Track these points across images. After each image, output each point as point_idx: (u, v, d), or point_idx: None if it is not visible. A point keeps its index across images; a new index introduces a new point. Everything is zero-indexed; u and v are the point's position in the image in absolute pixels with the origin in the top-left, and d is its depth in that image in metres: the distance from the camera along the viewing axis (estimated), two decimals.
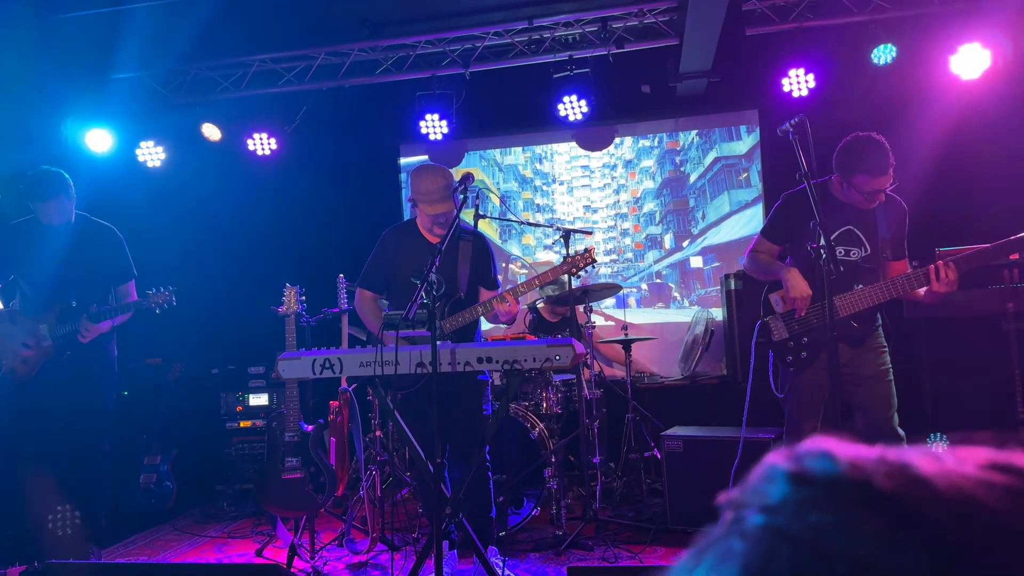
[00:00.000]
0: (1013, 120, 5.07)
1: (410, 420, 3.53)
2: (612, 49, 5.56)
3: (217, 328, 6.35)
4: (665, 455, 4.40)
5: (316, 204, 6.50)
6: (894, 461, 0.44)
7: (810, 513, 0.43)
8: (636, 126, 6.61)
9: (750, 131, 6.37)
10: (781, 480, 0.45)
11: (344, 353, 3.28)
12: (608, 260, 6.64)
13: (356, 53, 5.85)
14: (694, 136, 6.54)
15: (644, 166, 6.65)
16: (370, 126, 6.53)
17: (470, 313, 3.67)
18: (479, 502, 3.74)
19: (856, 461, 0.44)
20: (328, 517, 4.78)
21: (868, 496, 0.42)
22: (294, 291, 4.13)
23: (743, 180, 6.41)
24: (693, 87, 5.83)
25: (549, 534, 4.41)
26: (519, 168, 6.82)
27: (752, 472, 0.49)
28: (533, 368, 3.39)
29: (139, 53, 5.58)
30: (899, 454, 0.45)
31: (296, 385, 4.12)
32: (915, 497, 0.41)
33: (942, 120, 5.11)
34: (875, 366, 3.51)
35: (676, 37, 5.40)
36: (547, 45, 5.70)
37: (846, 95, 5.45)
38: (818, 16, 5.33)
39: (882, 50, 5.22)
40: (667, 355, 6.29)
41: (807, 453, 0.46)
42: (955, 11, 5.08)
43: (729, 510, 0.48)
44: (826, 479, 0.44)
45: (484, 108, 6.27)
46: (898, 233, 3.53)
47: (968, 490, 0.41)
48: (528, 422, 4.59)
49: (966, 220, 4.91)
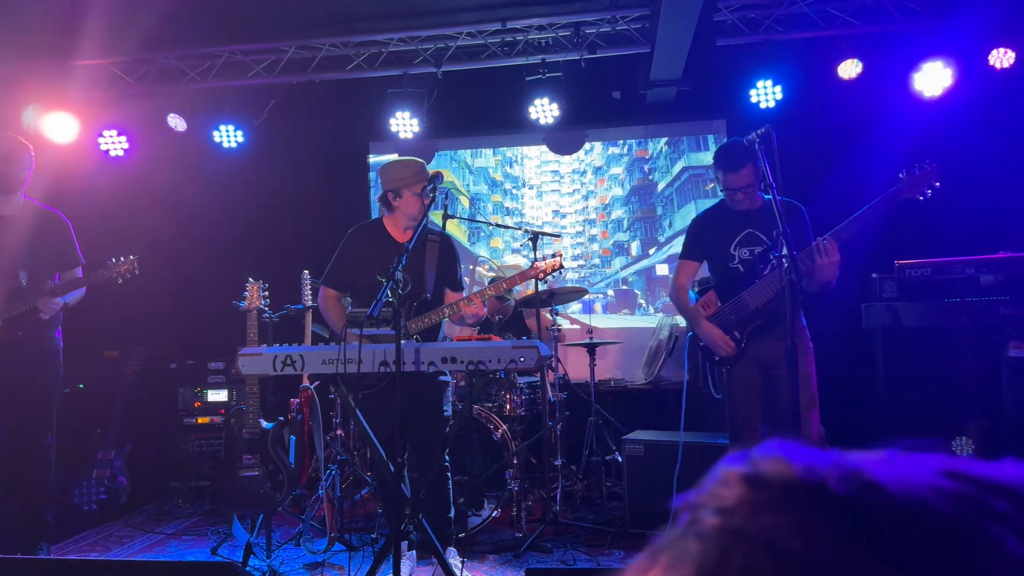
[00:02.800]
0: (973, 138, 5.19)
1: (371, 419, 3.49)
2: (584, 54, 5.58)
3: (177, 322, 6.25)
4: (626, 459, 4.42)
5: (282, 199, 6.43)
6: (848, 466, 0.44)
7: (765, 515, 0.43)
8: (606, 131, 6.65)
9: (718, 141, 6.45)
10: (736, 482, 0.46)
11: (306, 350, 3.24)
12: (575, 265, 6.67)
13: (327, 48, 5.80)
14: (663, 145, 6.59)
15: (613, 173, 6.69)
16: (340, 122, 6.48)
17: (437, 314, 3.66)
18: (439, 503, 3.72)
19: (811, 465, 0.45)
20: (286, 516, 4.73)
21: (823, 499, 0.42)
22: (257, 286, 4.08)
23: (710, 190, 6.48)
24: (663, 95, 5.89)
25: (509, 536, 4.40)
26: (489, 171, 6.82)
27: (707, 475, 0.49)
28: (497, 369, 3.39)
29: (104, 40, 5.47)
30: (853, 459, 0.45)
31: (256, 382, 4.07)
32: (869, 501, 0.42)
33: (905, 135, 5.22)
34: (804, 366, 3.59)
35: (648, 45, 5.44)
36: (520, 48, 5.71)
37: (813, 108, 5.54)
38: (787, 29, 5.42)
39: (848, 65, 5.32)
40: (631, 360, 6.34)
41: (762, 456, 0.47)
42: (918, 28, 5.20)
43: (685, 512, 0.48)
44: (781, 482, 0.44)
45: (456, 108, 6.26)
46: (796, 229, 3.62)
47: (921, 495, 0.42)
48: (491, 424, 4.59)
49: (926, 234, 5.01)
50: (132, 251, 4.15)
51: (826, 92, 5.45)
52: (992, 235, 4.06)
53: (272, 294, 4.23)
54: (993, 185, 4.78)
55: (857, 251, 3.76)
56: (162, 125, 6.02)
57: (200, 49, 5.87)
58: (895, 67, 5.32)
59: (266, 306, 4.18)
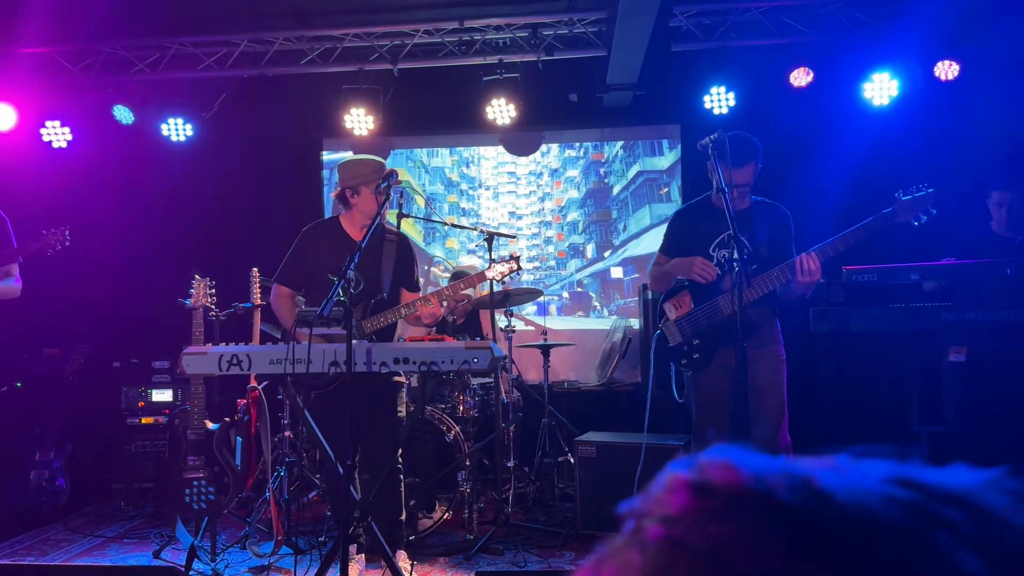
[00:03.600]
0: (919, 147, 5.32)
1: (322, 421, 3.44)
2: (542, 56, 5.59)
3: (121, 319, 6.08)
4: (578, 460, 4.43)
5: (232, 194, 6.29)
6: (797, 474, 0.43)
7: (711, 524, 0.42)
8: (562, 133, 6.67)
9: (672, 146, 6.51)
10: (682, 490, 0.44)
11: (253, 350, 3.18)
12: (531, 267, 6.67)
13: (281, 42, 5.70)
14: (618, 149, 6.63)
15: (569, 175, 6.71)
16: (293, 117, 6.37)
17: (393, 314, 3.62)
18: (389, 505, 3.68)
19: (759, 473, 0.43)
20: (232, 519, 4.63)
21: (771, 509, 0.41)
22: (204, 283, 3.99)
23: (664, 195, 6.54)
24: (619, 99, 5.92)
25: (460, 538, 4.38)
26: (446, 171, 6.79)
27: (654, 481, 0.48)
28: (451, 370, 3.37)
29: (48, 28, 5.29)
30: (802, 467, 0.44)
31: (202, 381, 3.98)
32: (818, 511, 0.41)
33: (854, 144, 5.33)
34: (771, 376, 3.60)
35: (604, 48, 5.47)
36: (477, 47, 5.69)
37: (765, 115, 5.62)
38: (740, 36, 5.49)
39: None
40: (585, 362, 6.36)
41: (709, 463, 0.45)
42: (867, 39, 5.31)
43: (630, 519, 0.46)
44: (728, 490, 0.43)
45: (412, 106, 6.21)
46: (780, 236, 3.65)
47: (870, 505, 0.41)
48: (444, 425, 4.55)
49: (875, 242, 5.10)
50: (76, 246, 4.03)
51: (778, 99, 5.53)
52: (937, 242, 4.16)
53: (220, 292, 4.14)
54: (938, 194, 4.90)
55: None
56: (108, 117, 5.85)
57: (149, 39, 5.72)
58: (845, 76, 5.43)
59: (213, 304, 4.08)
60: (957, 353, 4.13)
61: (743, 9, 5.37)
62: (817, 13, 5.35)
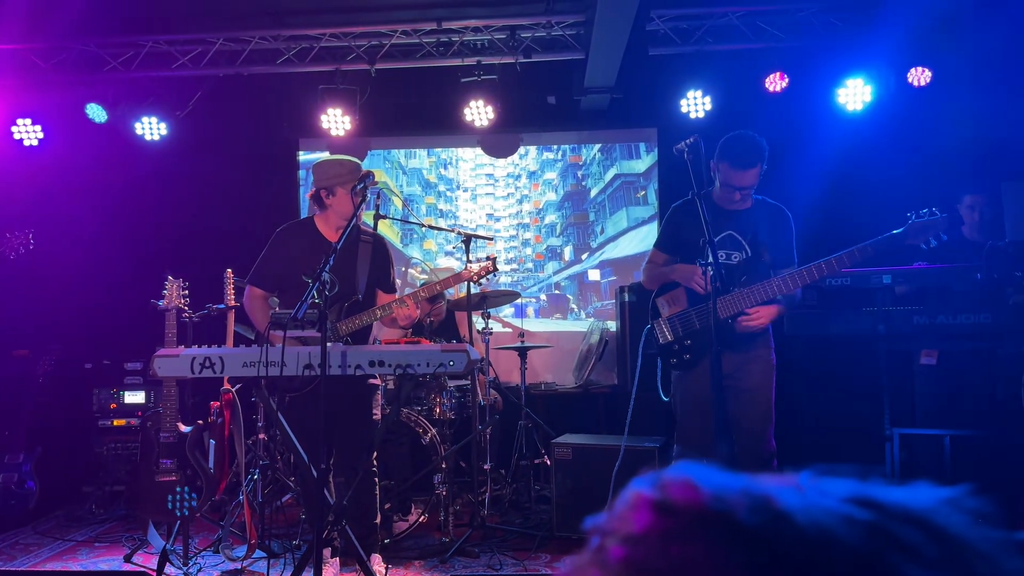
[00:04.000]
0: (892, 152, 5.38)
1: (296, 424, 3.41)
2: (520, 58, 5.59)
3: (93, 320, 5.99)
4: (554, 462, 4.43)
5: (207, 194, 6.23)
6: (758, 493, 0.43)
7: (673, 546, 0.41)
8: (541, 135, 6.68)
9: (649, 150, 6.54)
10: (645, 508, 0.44)
11: (226, 352, 3.14)
12: (508, 269, 6.67)
13: (257, 41, 5.65)
14: (596, 152, 6.65)
15: (547, 178, 6.72)
16: (269, 117, 6.32)
17: (368, 316, 3.60)
18: (364, 509, 3.66)
19: (719, 492, 0.44)
20: (204, 522, 4.58)
21: (731, 530, 0.41)
22: (177, 284, 3.94)
23: (641, 198, 6.57)
24: (597, 102, 5.94)
25: (435, 541, 4.36)
26: (423, 172, 6.77)
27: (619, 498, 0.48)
28: (426, 373, 3.35)
29: (20, 25, 5.21)
30: (763, 486, 0.44)
31: (174, 383, 3.93)
32: (777, 533, 0.41)
33: (829, 149, 5.38)
34: (758, 379, 3.56)
35: (582, 51, 5.48)
36: (455, 49, 5.68)
37: (741, 119, 5.64)
38: (717, 41, 5.52)
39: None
40: (562, 364, 6.37)
41: (671, 481, 0.46)
42: (842, 45, 5.37)
43: (594, 536, 0.46)
44: (689, 510, 0.43)
45: (389, 107, 6.18)
46: (781, 239, 3.61)
47: (829, 526, 0.41)
48: (420, 427, 4.54)
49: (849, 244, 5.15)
50: (47, 245, 3.96)
51: (754, 104, 5.57)
52: (910, 246, 4.21)
53: (193, 293, 4.09)
54: (911, 199, 4.96)
55: None
56: (80, 115, 5.77)
57: (123, 37, 5.65)
58: (820, 82, 5.48)
59: (186, 305, 4.04)
60: (928, 356, 4.19)
61: (720, 14, 5.41)
62: (793, 18, 5.40)
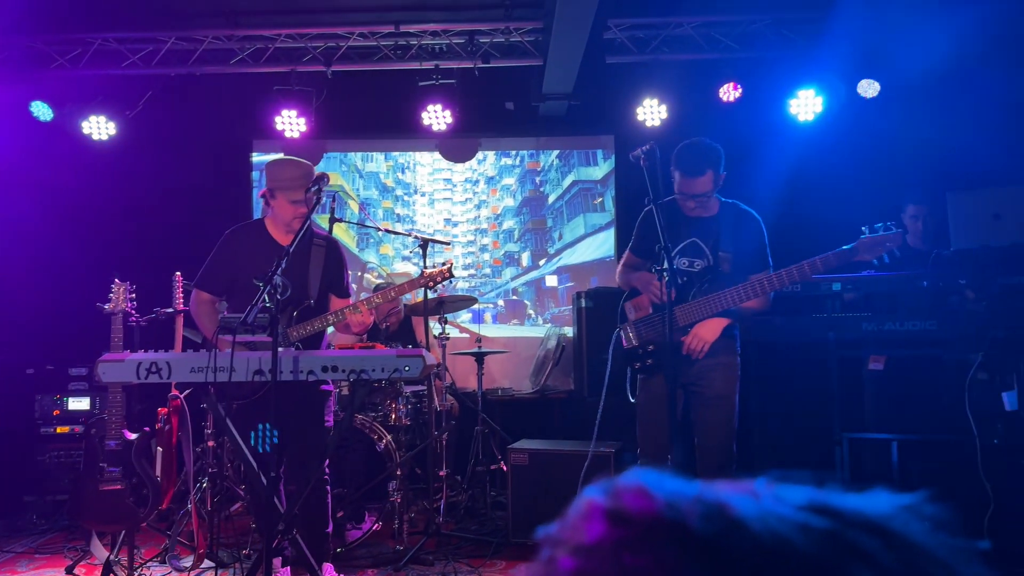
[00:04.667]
0: (843, 163, 5.50)
1: (246, 431, 3.34)
2: (478, 63, 5.58)
3: (36, 324, 5.80)
4: (511, 468, 4.41)
5: (156, 196, 6.08)
6: (712, 501, 0.42)
7: (625, 556, 0.40)
8: (499, 141, 6.68)
9: (606, 157, 6.58)
10: (597, 517, 0.43)
11: (173, 357, 3.07)
12: (466, 275, 6.65)
13: (210, 40, 5.55)
14: (554, 158, 6.67)
15: (505, 183, 6.72)
16: (221, 118, 6.20)
17: (320, 321, 3.54)
18: (315, 517, 3.59)
19: (673, 500, 0.43)
20: (151, 532, 4.47)
21: (684, 539, 0.40)
22: (123, 287, 3.84)
23: (598, 204, 6.61)
24: (555, 108, 5.96)
25: (389, 549, 4.31)
26: (380, 176, 6.71)
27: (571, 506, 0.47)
28: (381, 379, 3.31)
29: None
30: (717, 493, 0.43)
31: (120, 389, 3.83)
32: (732, 542, 0.40)
33: (782, 159, 5.47)
34: (721, 386, 3.52)
35: (540, 58, 5.50)
36: (413, 52, 5.65)
37: (696, 128, 5.70)
38: (672, 51, 5.59)
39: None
40: (519, 370, 6.36)
41: (624, 488, 0.44)
42: (794, 56, 5.47)
43: (546, 547, 0.45)
44: (643, 519, 0.42)
45: (346, 109, 6.12)
46: (748, 244, 3.55)
47: (785, 535, 0.40)
48: (375, 434, 4.49)
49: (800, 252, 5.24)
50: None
51: (709, 113, 5.64)
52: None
53: (142, 296, 4.00)
54: (862, 208, 5.08)
55: None
56: (25, 113, 5.60)
57: (70, 34, 5.50)
58: (772, 92, 5.58)
59: (133, 309, 3.94)
60: (876, 362, 4.27)
61: (675, 23, 5.47)
62: (746, 30, 5.49)
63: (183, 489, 4.32)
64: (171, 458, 4.11)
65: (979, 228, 3.62)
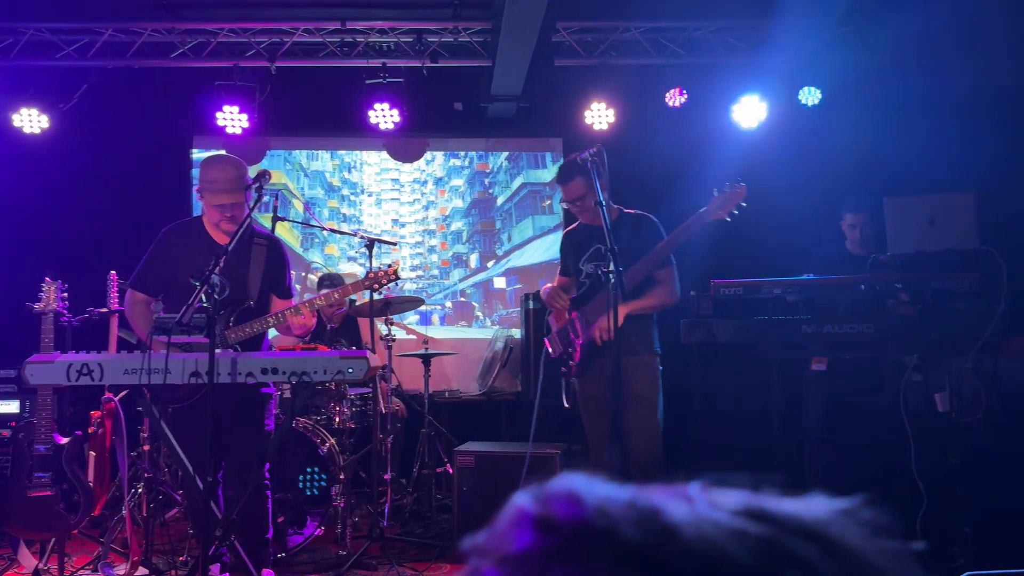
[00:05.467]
0: (785, 169, 5.59)
1: (183, 435, 3.25)
2: (427, 62, 5.54)
3: None
4: (457, 470, 4.39)
5: (91, 192, 5.89)
6: (644, 507, 0.41)
7: (553, 566, 0.39)
8: (447, 141, 6.64)
9: (555, 159, 6.60)
10: (525, 525, 0.41)
11: (105, 359, 2.96)
12: (414, 276, 6.60)
13: (149, 33, 5.40)
14: (503, 160, 6.67)
15: (454, 185, 6.68)
16: (161, 113, 6.03)
17: (260, 323, 3.46)
18: (255, 522, 3.51)
19: (603, 506, 0.41)
20: (83, 539, 4.31)
21: (614, 547, 0.39)
22: (54, 286, 3.72)
23: (547, 207, 6.62)
24: (503, 110, 5.96)
25: (332, 554, 4.24)
26: (326, 175, 6.62)
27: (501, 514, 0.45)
28: (323, 381, 3.26)
29: None
30: (650, 498, 0.42)
31: (51, 392, 3.69)
32: (663, 550, 0.38)
33: (727, 164, 5.54)
34: (643, 385, 3.65)
35: (489, 59, 5.48)
36: (360, 49, 5.58)
37: (643, 132, 5.78)
38: (620, 55, 5.63)
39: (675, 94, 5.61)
40: (467, 371, 6.34)
41: (553, 495, 0.43)
42: (738, 63, 5.56)
43: (472, 557, 0.43)
44: (572, 526, 0.40)
45: (290, 106, 6.01)
46: (648, 244, 3.70)
47: (719, 542, 0.39)
48: (318, 437, 4.41)
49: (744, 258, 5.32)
50: None
51: (656, 118, 5.70)
52: (800, 259, 4.39)
53: (76, 296, 3.88)
54: (801, 213, 5.18)
55: (683, 269, 3.93)
56: None
57: (0, 23, 5.29)
58: (717, 98, 5.66)
59: (65, 308, 3.80)
60: (819, 363, 4.36)
61: (623, 28, 5.52)
62: (691, 36, 5.56)
63: (117, 495, 4.20)
64: (105, 463, 3.99)
65: (915, 233, 3.71)
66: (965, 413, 3.56)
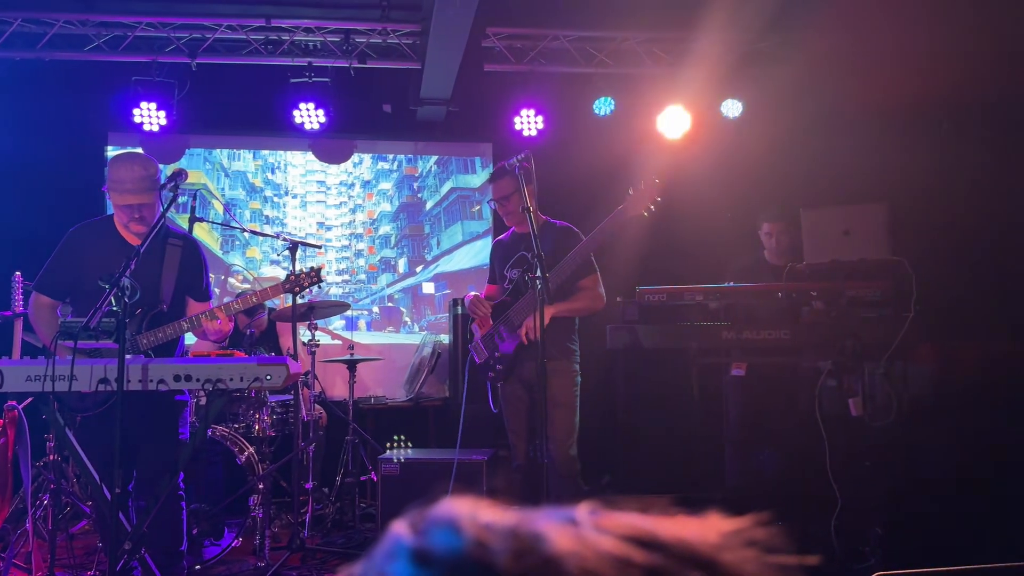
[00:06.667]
0: (710, 180, 5.71)
1: (93, 444, 3.10)
2: (354, 63, 5.46)
3: None
4: (381, 478, 4.32)
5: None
6: (526, 535, 0.39)
7: None
8: (376, 144, 6.56)
9: (485, 165, 6.59)
10: (403, 557, 0.39)
11: (6, 364, 2.82)
12: (340, 280, 6.49)
13: (62, 24, 5.17)
14: (432, 164, 6.62)
15: (382, 188, 6.60)
16: (73, 108, 5.77)
17: (174, 328, 3.33)
18: (168, 534, 3.38)
19: (482, 536, 0.39)
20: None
21: None
22: None
23: (476, 212, 6.61)
24: (432, 113, 5.92)
25: (250, 566, 4.12)
26: (248, 176, 6.45)
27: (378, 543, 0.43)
28: (240, 389, 3.16)
29: None
30: (534, 525, 0.40)
31: None
32: None
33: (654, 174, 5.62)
34: (558, 392, 3.67)
35: (419, 61, 5.44)
36: (285, 48, 5.47)
37: (571, 140, 5.83)
38: (549, 62, 5.67)
39: (603, 103, 5.67)
40: (394, 377, 6.26)
41: (433, 524, 0.41)
42: (663, 74, 5.67)
43: None
44: (449, 558, 0.39)
45: (211, 104, 5.84)
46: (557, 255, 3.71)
47: (602, 573, 0.37)
48: (236, 446, 4.28)
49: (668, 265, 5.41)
50: None
51: (583, 126, 5.76)
52: (721, 266, 4.49)
53: None
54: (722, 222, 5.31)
55: (610, 276, 3.97)
56: None
57: None
58: (643, 108, 5.75)
59: None
60: (738, 368, 4.46)
61: (552, 36, 5.56)
62: (619, 46, 5.65)
63: (21, 507, 3.99)
64: (6, 474, 3.77)
65: (830, 243, 3.84)
66: (877, 417, 3.70)
